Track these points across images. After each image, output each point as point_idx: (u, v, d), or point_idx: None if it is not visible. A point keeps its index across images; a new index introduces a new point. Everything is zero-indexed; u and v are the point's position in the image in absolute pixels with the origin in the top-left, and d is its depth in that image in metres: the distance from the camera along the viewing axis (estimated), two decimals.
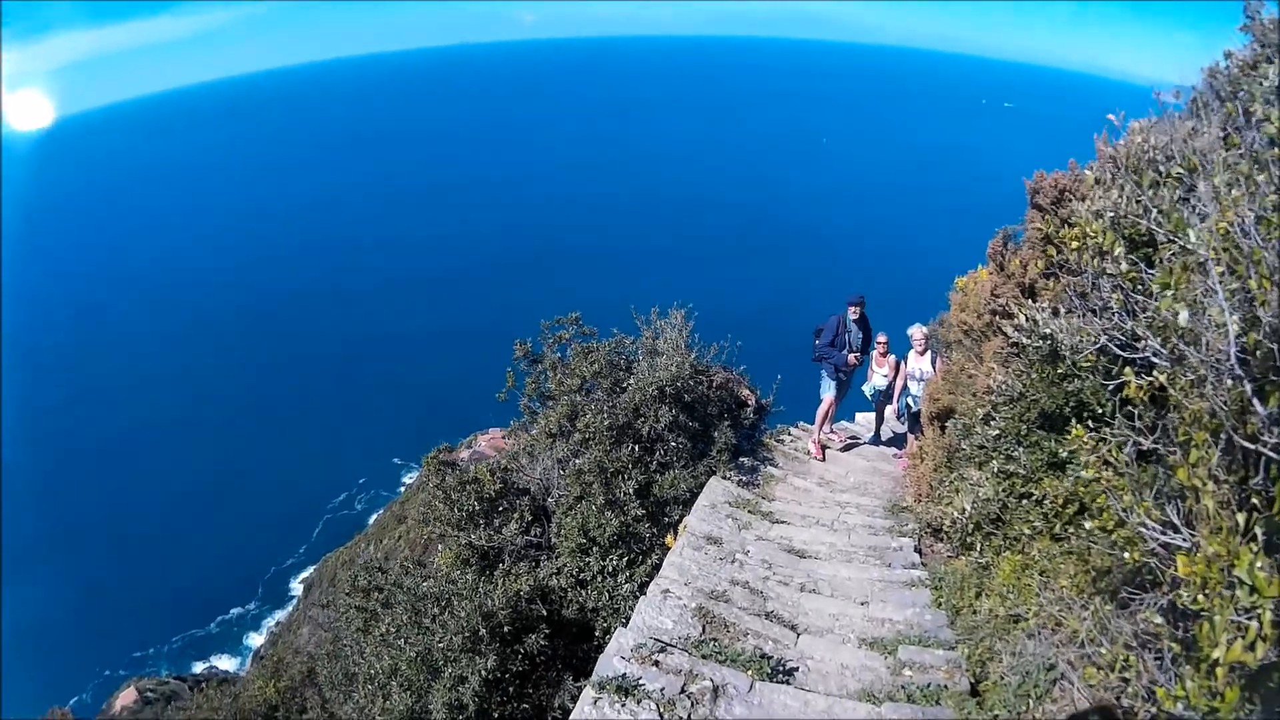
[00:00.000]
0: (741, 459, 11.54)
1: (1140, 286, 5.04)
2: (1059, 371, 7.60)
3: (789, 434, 13.97)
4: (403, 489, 53.92)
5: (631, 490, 9.89)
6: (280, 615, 50.44)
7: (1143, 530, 4.21)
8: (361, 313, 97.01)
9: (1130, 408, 7.34)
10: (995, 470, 8.19)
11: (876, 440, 14.59)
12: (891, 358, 13.47)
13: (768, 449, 12.51)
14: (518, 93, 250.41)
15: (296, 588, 53.48)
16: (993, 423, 8.32)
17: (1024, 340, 7.69)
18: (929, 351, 12.72)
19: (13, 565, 58.17)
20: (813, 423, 13.51)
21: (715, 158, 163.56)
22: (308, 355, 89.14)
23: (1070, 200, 8.90)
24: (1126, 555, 4.81)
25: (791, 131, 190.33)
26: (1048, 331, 7.37)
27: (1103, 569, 6.32)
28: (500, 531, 10.13)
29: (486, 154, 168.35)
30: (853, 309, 12.81)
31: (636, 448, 10.36)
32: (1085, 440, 5.09)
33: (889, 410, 14.22)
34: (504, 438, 16.59)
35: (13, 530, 61.15)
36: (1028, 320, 7.67)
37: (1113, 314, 4.99)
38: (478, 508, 10.29)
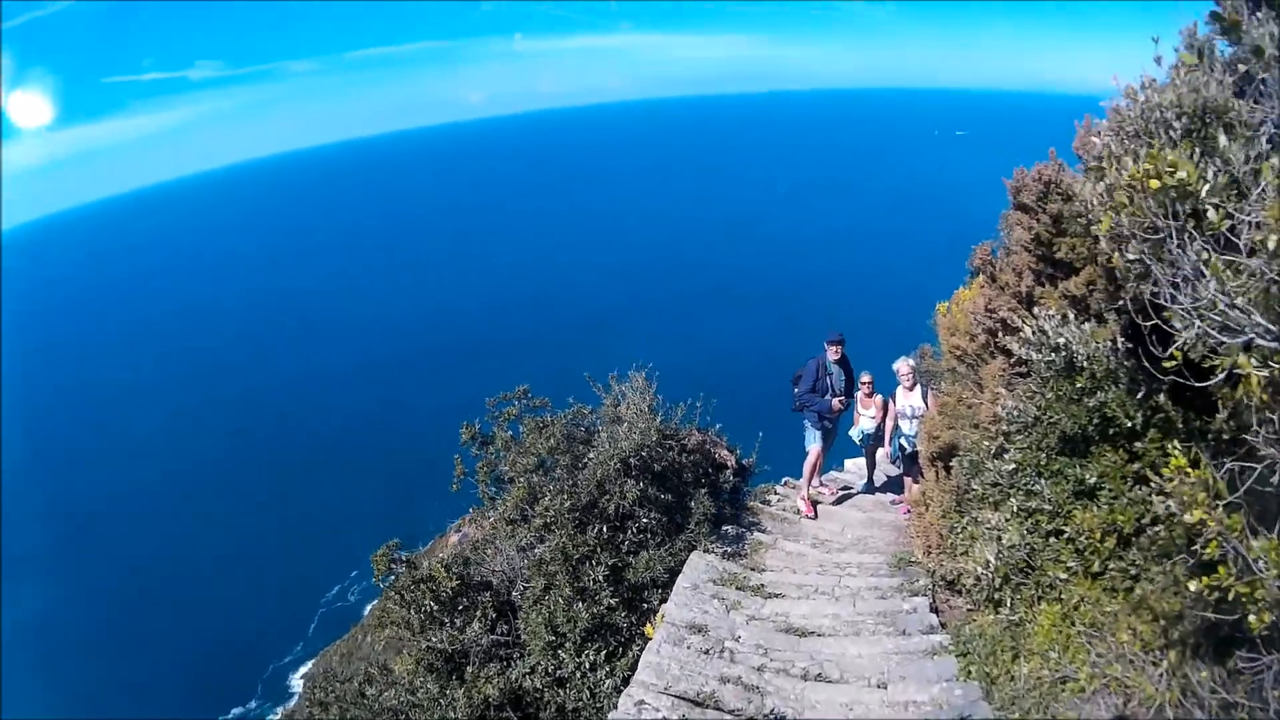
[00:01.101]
0: (724, 527, 10.27)
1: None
2: (1078, 386, 6.47)
3: (775, 493, 12.74)
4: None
5: (601, 577, 8.79)
6: (283, 709, 48.51)
7: None
8: (340, 399, 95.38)
9: (1165, 418, 6.30)
10: (1015, 509, 7.00)
11: (870, 488, 13.34)
12: (878, 397, 12.29)
13: (753, 512, 11.24)
14: (469, 172, 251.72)
15: (297, 683, 51.77)
16: (1007, 455, 7.14)
17: (1034, 356, 6.56)
18: (918, 386, 11.54)
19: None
20: (800, 478, 12.26)
21: (672, 217, 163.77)
22: (287, 445, 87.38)
23: (1055, 195, 7.88)
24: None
25: (746, 184, 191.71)
26: (1061, 341, 6.26)
27: (1171, 615, 5.11)
28: (463, 631, 9.07)
29: (449, 234, 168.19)
30: (832, 349, 11.64)
31: (604, 528, 9.20)
32: (1184, 470, 3.78)
33: (880, 453, 12.99)
34: (455, 530, 15.40)
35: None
36: (1036, 332, 6.56)
37: (1204, 282, 3.74)
38: (435, 608, 9.27)
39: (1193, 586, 3.68)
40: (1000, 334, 7.87)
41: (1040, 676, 6.04)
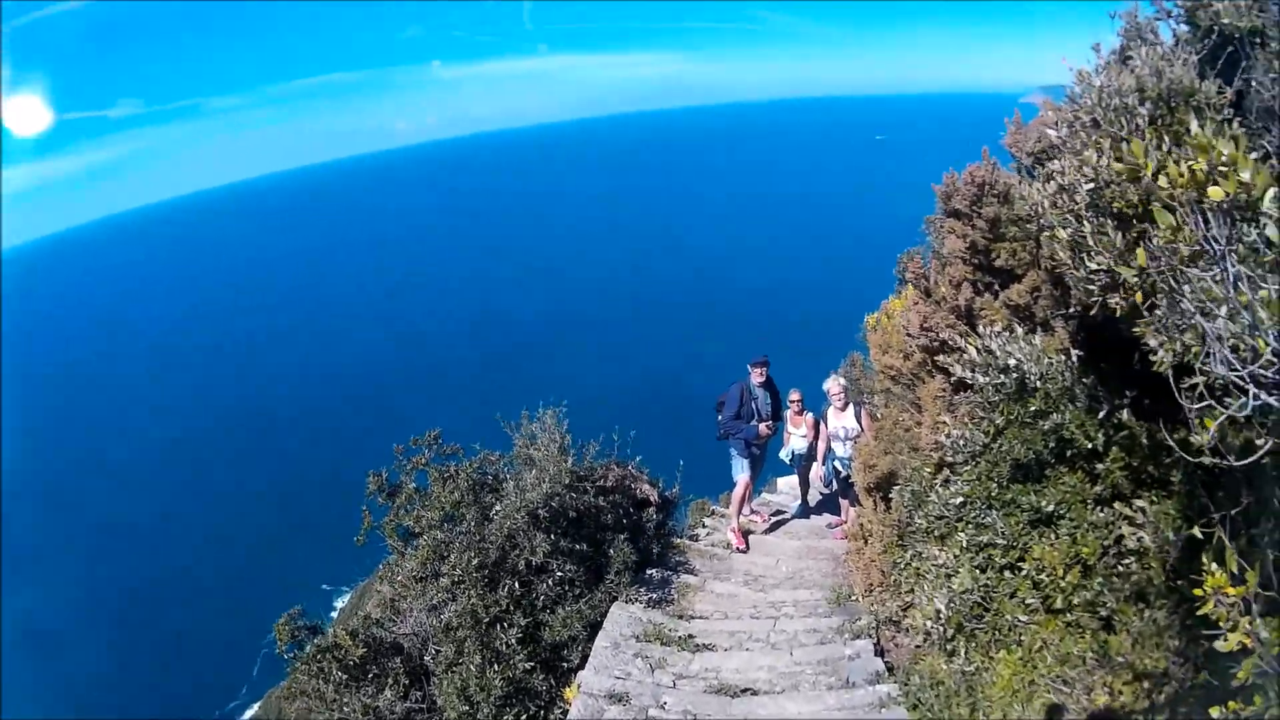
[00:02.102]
0: (649, 572, 9.47)
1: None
2: (1032, 409, 5.80)
3: (704, 525, 11.99)
4: (334, 613, 51.15)
5: (515, 640, 7.93)
6: None
7: None
8: (274, 436, 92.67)
9: (1129, 435, 5.64)
10: (964, 544, 6.28)
11: (804, 510, 12.62)
12: (809, 415, 11.60)
13: (680, 551, 10.45)
14: (393, 202, 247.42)
15: None
16: (953, 486, 6.42)
17: (980, 379, 5.87)
18: (850, 405, 10.78)
19: None
20: (729, 508, 11.49)
21: (594, 238, 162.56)
22: (213, 483, 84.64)
23: (990, 198, 7.26)
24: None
25: (669, 201, 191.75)
26: (1011, 363, 5.57)
27: (1155, 674, 4.42)
28: (376, 700, 8.18)
29: (374, 266, 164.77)
30: (756, 372, 10.95)
31: (516, 584, 8.31)
32: (1222, 589, 2.89)
33: (814, 472, 12.27)
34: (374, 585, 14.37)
35: None
36: (982, 353, 5.87)
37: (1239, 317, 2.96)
38: (344, 677, 8.33)
39: (1215, 714, 2.82)
40: (938, 353, 7.20)
41: None
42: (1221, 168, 2.43)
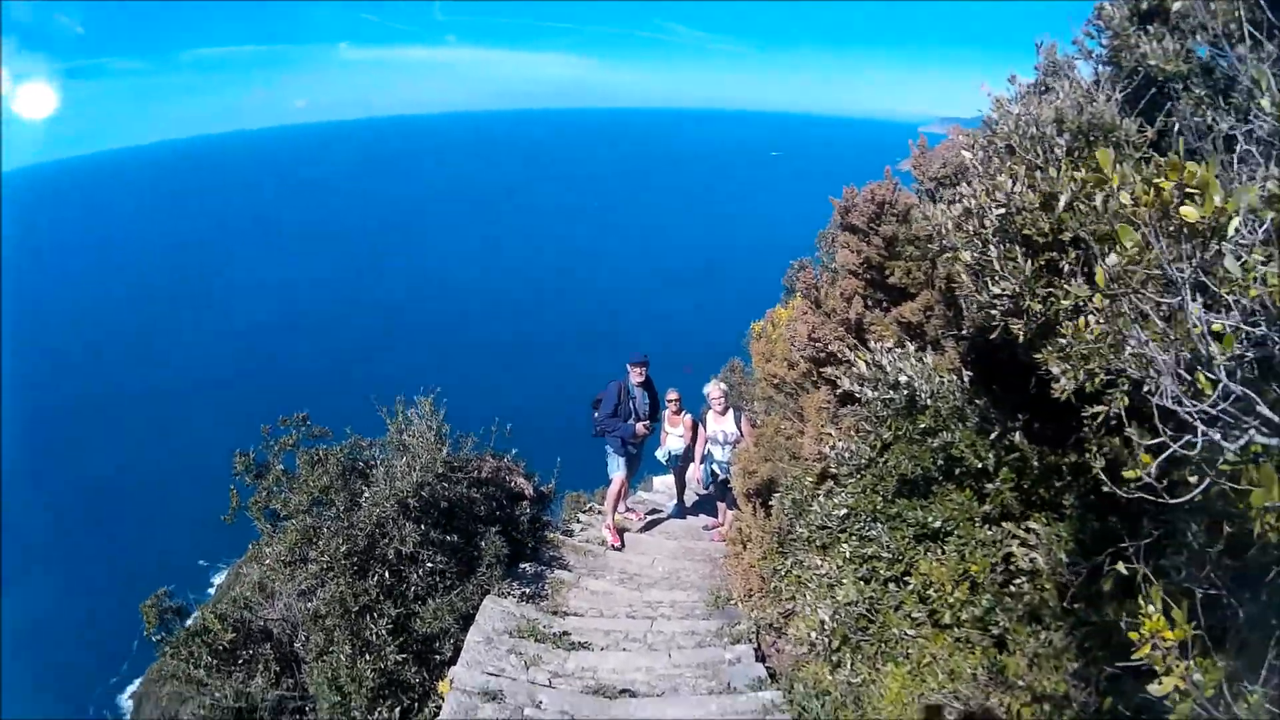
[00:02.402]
0: (523, 566, 9.32)
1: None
2: (921, 426, 5.87)
3: (579, 521, 11.89)
4: (212, 590, 49.17)
5: (385, 631, 7.66)
6: None
7: None
8: (161, 409, 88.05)
9: (1020, 457, 5.74)
10: (848, 555, 6.33)
11: (681, 511, 12.63)
12: (687, 416, 11.64)
13: (554, 545, 10.34)
14: (288, 179, 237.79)
15: (127, 703, 47.10)
16: (838, 498, 6.47)
17: (869, 393, 5.92)
18: (730, 410, 10.85)
19: None
20: (605, 505, 11.42)
21: (482, 233, 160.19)
22: (84, 453, 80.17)
23: (890, 217, 7.36)
24: None
25: (561, 201, 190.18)
26: (903, 379, 5.63)
27: (1056, 697, 4.49)
28: (248, 685, 7.92)
29: (259, 244, 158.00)
30: (635, 371, 10.88)
31: (386, 573, 8.05)
32: (1160, 634, 2.82)
33: (691, 472, 12.30)
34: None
35: None
36: (871, 367, 5.92)
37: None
38: (214, 662, 8.02)
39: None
40: (823, 364, 7.26)
41: None
42: (1190, 190, 2.43)
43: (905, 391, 5.84)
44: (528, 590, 8.80)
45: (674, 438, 11.69)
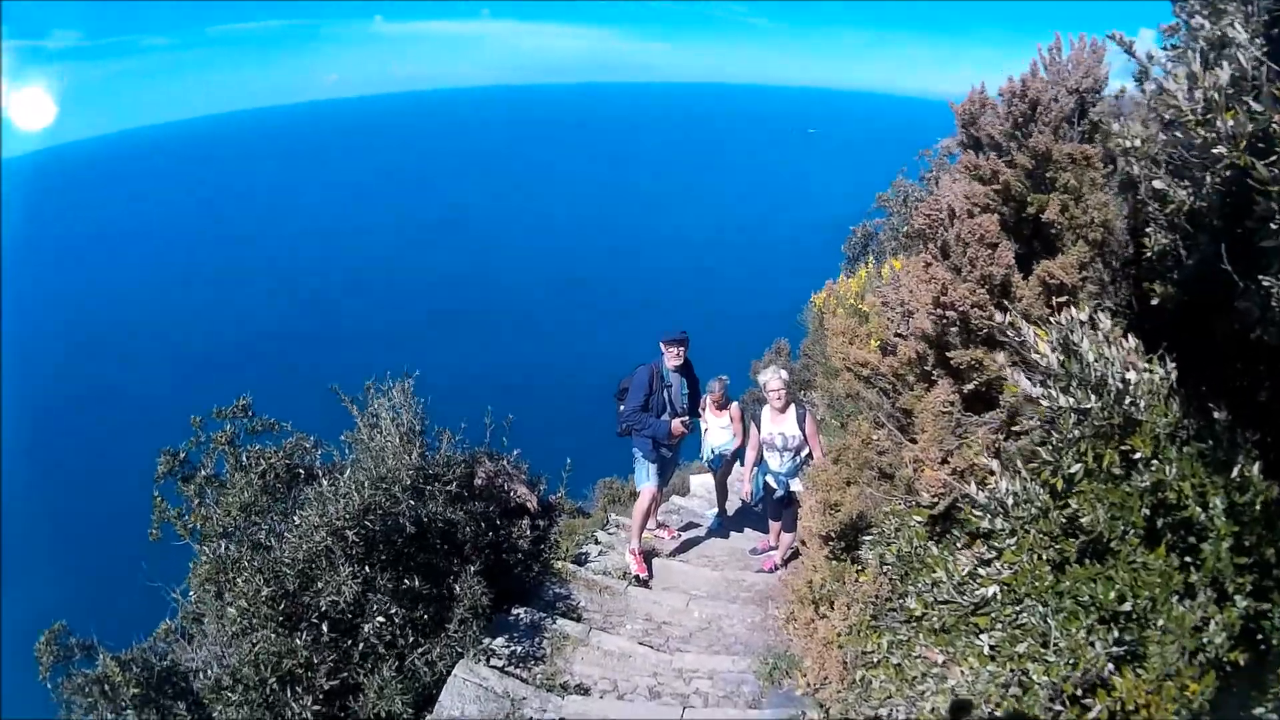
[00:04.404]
0: (516, 611, 7.02)
1: None
2: (1136, 456, 3.49)
3: (597, 541, 9.57)
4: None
5: (311, 715, 5.47)
6: None
7: None
8: (166, 401, 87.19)
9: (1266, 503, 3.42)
10: (985, 650, 3.88)
11: (722, 526, 10.27)
12: (734, 405, 9.45)
13: (561, 579, 7.98)
14: (323, 154, 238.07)
15: None
16: (991, 567, 4.00)
17: (1063, 401, 3.52)
18: (792, 407, 8.27)
19: None
20: (631, 522, 9.05)
21: (520, 210, 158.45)
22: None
23: (1043, 124, 5.00)
24: None
25: (594, 177, 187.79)
26: (1129, 377, 3.31)
27: None
28: None
29: (294, 221, 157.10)
30: (672, 352, 8.44)
31: (324, 626, 5.79)
32: None
33: (736, 475, 9.92)
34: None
35: None
36: (1058, 351, 3.54)
37: None
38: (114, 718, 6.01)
39: None
40: (960, 345, 4.80)
41: None
42: None
43: (1112, 395, 3.46)
44: (518, 649, 6.54)
45: (717, 430, 9.48)
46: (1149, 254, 4.56)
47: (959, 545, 4.58)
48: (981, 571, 3.99)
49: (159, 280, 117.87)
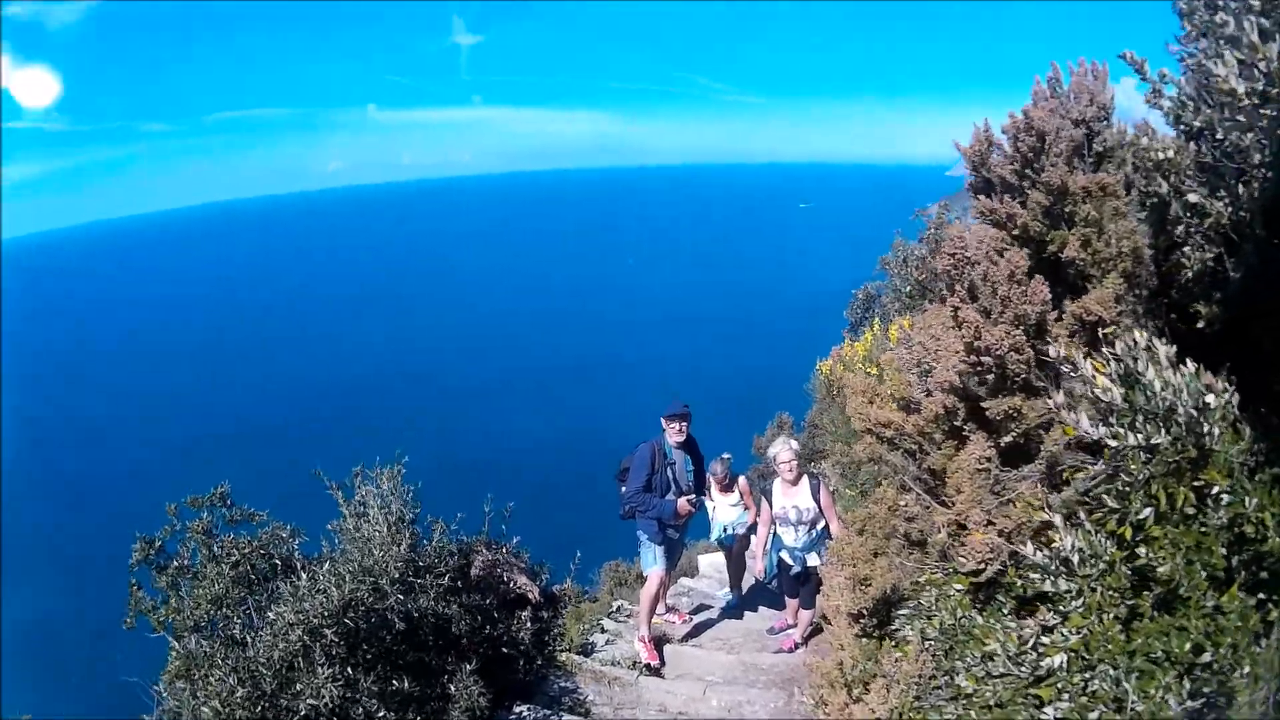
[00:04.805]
0: (516, 709, 6.50)
1: None
2: (1214, 491, 3.05)
3: (603, 629, 9.04)
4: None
5: None
6: None
7: None
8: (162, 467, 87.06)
9: None
10: None
11: (736, 605, 9.78)
12: (741, 479, 9.00)
13: (566, 672, 7.43)
14: (318, 243, 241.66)
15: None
16: (1055, 634, 3.46)
17: (1132, 439, 3.08)
18: (805, 479, 7.90)
19: None
20: (639, 608, 8.58)
21: (515, 291, 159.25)
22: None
23: (1054, 157, 4.69)
24: None
25: (595, 258, 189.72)
26: (1185, 403, 2.91)
27: None
28: None
29: (295, 308, 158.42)
30: (673, 428, 8.14)
31: None
32: None
33: (749, 550, 9.43)
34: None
35: None
36: (1121, 384, 3.12)
37: None
38: None
39: None
40: (994, 394, 4.35)
41: None
42: None
43: (1183, 426, 3.03)
44: None
45: (726, 508, 9.00)
46: (1186, 274, 4.40)
47: (1004, 612, 4.10)
48: (1045, 640, 3.50)
49: (147, 365, 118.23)
